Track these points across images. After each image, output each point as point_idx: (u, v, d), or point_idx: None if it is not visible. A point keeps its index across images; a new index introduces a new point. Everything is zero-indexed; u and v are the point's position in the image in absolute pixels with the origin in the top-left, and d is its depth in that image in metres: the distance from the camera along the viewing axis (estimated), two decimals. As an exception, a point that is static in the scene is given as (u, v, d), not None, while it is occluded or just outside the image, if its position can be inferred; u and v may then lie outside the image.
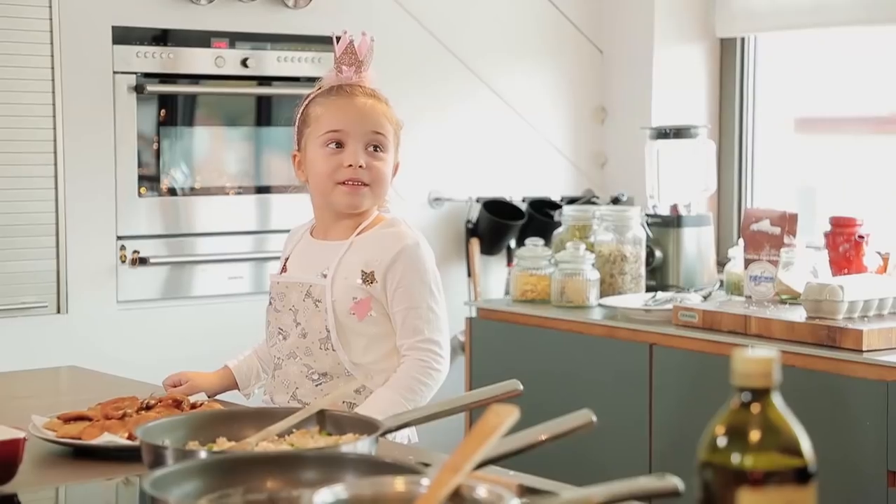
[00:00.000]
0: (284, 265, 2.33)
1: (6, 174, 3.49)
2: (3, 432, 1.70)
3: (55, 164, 3.56)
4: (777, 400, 1.08)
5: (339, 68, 2.27)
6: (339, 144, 2.22)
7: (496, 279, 4.39)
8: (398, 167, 2.31)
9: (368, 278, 2.19)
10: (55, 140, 3.56)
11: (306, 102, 2.29)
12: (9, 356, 3.42)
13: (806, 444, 1.07)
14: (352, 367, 2.19)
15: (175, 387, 2.26)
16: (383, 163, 2.24)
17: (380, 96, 2.30)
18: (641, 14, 4.41)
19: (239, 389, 2.37)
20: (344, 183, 2.21)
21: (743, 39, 4.43)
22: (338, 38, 2.28)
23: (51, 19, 3.53)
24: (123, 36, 3.67)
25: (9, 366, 3.03)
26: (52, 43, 3.54)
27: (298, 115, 2.31)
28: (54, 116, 3.55)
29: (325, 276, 2.21)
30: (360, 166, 2.21)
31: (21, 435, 1.69)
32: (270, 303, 2.30)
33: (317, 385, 2.20)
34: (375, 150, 2.24)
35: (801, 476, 1.07)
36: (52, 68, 3.54)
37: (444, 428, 2.68)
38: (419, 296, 2.20)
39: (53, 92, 3.55)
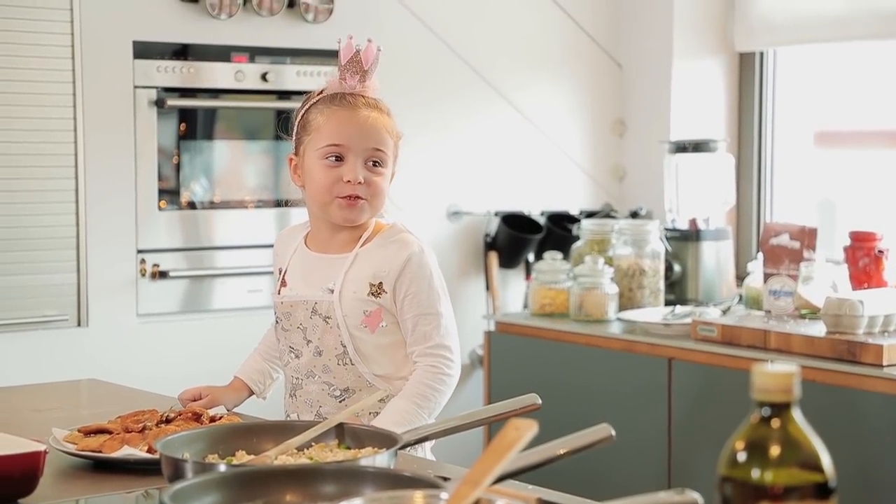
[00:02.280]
0: (283, 279, 2.30)
1: (28, 188, 3.51)
2: (24, 445, 1.70)
3: (76, 178, 3.58)
4: (797, 415, 1.08)
5: (343, 76, 2.23)
6: (339, 158, 2.20)
7: (514, 293, 4.39)
8: (394, 176, 2.29)
9: (377, 290, 2.18)
10: (76, 154, 3.58)
11: (307, 107, 2.26)
12: (30, 369, 3.44)
13: (826, 460, 1.07)
14: (373, 379, 2.18)
15: (193, 400, 2.25)
16: (382, 178, 2.22)
17: (382, 107, 2.26)
18: (660, 28, 4.41)
19: (255, 395, 2.37)
20: (343, 198, 2.20)
21: (762, 53, 4.42)
22: (341, 45, 2.25)
23: (72, 34, 3.55)
24: (144, 50, 3.69)
25: (30, 379, 3.04)
26: (73, 57, 3.56)
27: (298, 120, 2.28)
28: (75, 130, 3.58)
29: (331, 290, 2.19)
30: (360, 182, 2.19)
31: (42, 448, 1.69)
32: (277, 321, 2.28)
33: (340, 401, 2.19)
34: (375, 165, 2.21)
35: (822, 491, 1.06)
36: (74, 82, 3.57)
37: (462, 442, 2.68)
38: (427, 302, 2.19)
39: (75, 106, 3.57)
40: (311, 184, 2.22)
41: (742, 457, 1.07)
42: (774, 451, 1.06)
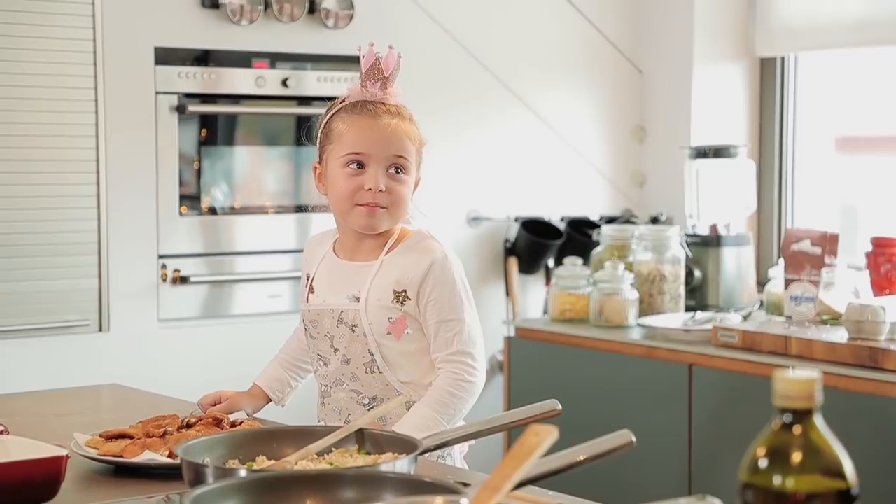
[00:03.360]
0: (311, 286, 2.30)
1: (50, 193, 3.53)
2: (46, 450, 1.71)
3: (98, 184, 3.60)
4: (819, 421, 1.07)
5: (365, 84, 2.23)
6: (361, 165, 2.19)
7: (534, 298, 4.38)
8: (419, 182, 2.29)
9: (401, 297, 2.18)
10: (98, 159, 3.60)
11: (329, 115, 2.27)
12: (52, 374, 3.46)
13: (849, 467, 1.07)
14: (400, 386, 2.18)
15: (213, 405, 2.26)
16: (404, 185, 2.21)
17: (404, 113, 2.25)
18: (681, 33, 4.40)
19: (274, 403, 2.37)
20: (363, 205, 2.20)
21: (783, 58, 4.41)
22: (363, 54, 2.24)
23: (94, 40, 3.57)
24: (166, 57, 3.70)
25: (52, 383, 3.06)
26: (95, 63, 3.58)
27: (321, 128, 2.28)
28: (97, 136, 3.59)
29: (357, 299, 2.20)
30: (381, 190, 2.18)
31: (64, 452, 1.70)
32: (305, 329, 2.28)
33: (368, 409, 2.19)
34: (397, 172, 2.21)
35: (844, 499, 1.06)
36: (96, 88, 3.58)
37: (482, 447, 2.68)
38: (450, 308, 2.19)
39: (97, 112, 3.59)
40: (333, 192, 2.22)
41: (764, 463, 1.07)
42: (796, 457, 1.06)
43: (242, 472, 1.60)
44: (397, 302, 2.17)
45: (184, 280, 3.75)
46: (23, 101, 3.48)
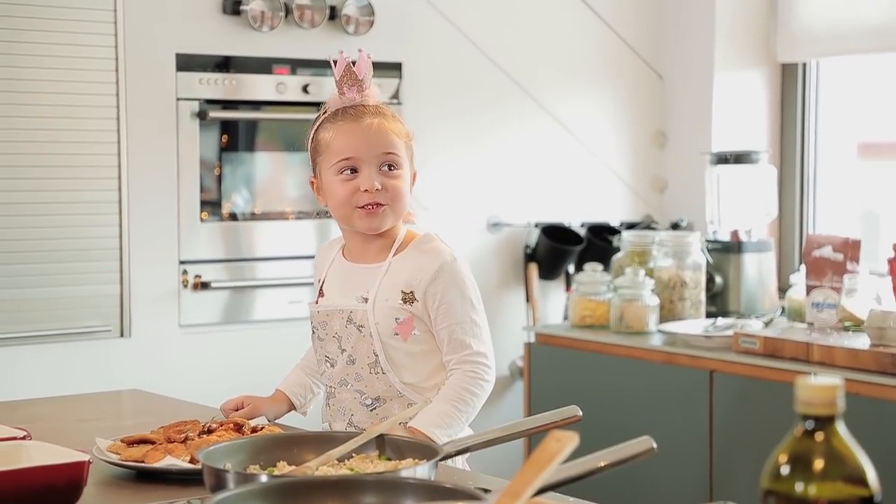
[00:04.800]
0: (321, 290, 2.32)
1: (71, 199, 3.55)
2: (68, 455, 1.72)
3: (119, 190, 3.61)
4: (841, 428, 1.07)
5: (342, 90, 2.25)
6: (353, 170, 2.21)
7: (555, 304, 4.38)
8: (415, 176, 2.30)
9: (409, 298, 2.19)
10: (119, 166, 3.61)
11: (314, 128, 2.28)
12: (73, 379, 3.47)
13: (871, 474, 1.06)
14: (403, 388, 2.19)
15: (237, 409, 2.27)
16: (399, 180, 2.23)
17: (385, 112, 2.26)
18: (702, 39, 4.40)
19: (296, 410, 2.38)
20: (362, 207, 2.21)
21: (804, 64, 4.40)
22: (335, 62, 2.27)
23: (116, 47, 3.59)
24: (187, 63, 3.72)
25: (73, 389, 3.07)
26: (117, 70, 3.59)
27: (310, 142, 2.30)
28: (118, 142, 3.61)
29: (365, 300, 2.21)
30: (377, 189, 2.20)
31: (85, 458, 1.71)
32: (314, 331, 2.30)
33: (371, 410, 2.20)
34: (390, 169, 2.23)
35: (866, 506, 1.05)
36: (117, 95, 3.60)
37: (502, 453, 2.68)
38: (462, 311, 2.20)
39: (118, 118, 3.60)
40: (331, 200, 2.24)
41: (785, 470, 1.06)
42: (818, 464, 1.05)
43: (263, 478, 1.60)
44: (405, 303, 2.18)
45: (204, 286, 3.76)
46: (45, 107, 3.50)
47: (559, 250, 4.25)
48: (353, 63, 2.26)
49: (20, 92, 3.47)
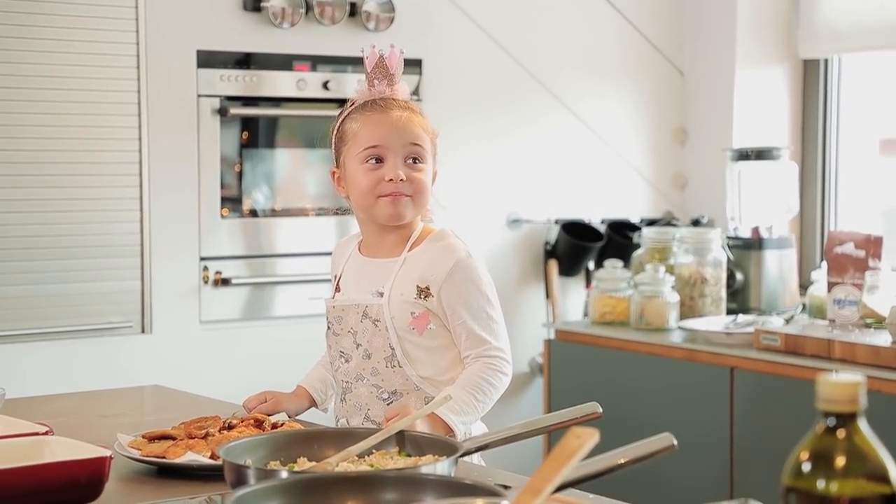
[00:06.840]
0: (337, 285, 2.32)
1: (93, 196, 3.56)
2: (89, 450, 1.72)
3: (140, 186, 3.63)
4: (863, 425, 1.07)
5: (372, 83, 2.27)
6: (379, 159, 2.22)
7: (575, 301, 4.37)
8: (436, 175, 2.30)
9: (424, 293, 2.19)
10: (140, 162, 3.62)
11: (341, 119, 2.29)
12: (95, 375, 3.49)
13: (893, 471, 1.06)
14: (420, 382, 2.19)
15: (260, 403, 2.27)
16: (423, 174, 2.24)
17: (414, 107, 2.28)
18: (723, 35, 4.38)
19: (317, 406, 2.38)
20: (384, 195, 2.21)
21: (826, 60, 4.38)
22: (366, 56, 2.28)
23: (137, 43, 3.60)
24: (208, 60, 3.73)
25: (95, 385, 3.08)
26: (138, 67, 3.60)
27: (334, 133, 2.31)
28: (140, 139, 3.62)
29: (380, 294, 2.21)
30: (402, 179, 2.20)
31: (107, 453, 1.71)
32: (329, 327, 2.30)
33: (388, 404, 2.20)
34: (415, 162, 2.23)
35: (889, 503, 1.05)
36: (139, 91, 3.61)
37: (522, 450, 2.68)
38: (478, 307, 2.20)
39: (139, 115, 3.62)
40: (354, 189, 2.25)
41: (807, 467, 1.06)
42: (840, 461, 1.05)
43: (284, 474, 1.61)
44: (420, 297, 2.19)
45: (225, 282, 3.77)
46: (66, 104, 3.51)
47: (579, 247, 4.25)
48: (384, 57, 2.27)
49: (42, 89, 3.48)
